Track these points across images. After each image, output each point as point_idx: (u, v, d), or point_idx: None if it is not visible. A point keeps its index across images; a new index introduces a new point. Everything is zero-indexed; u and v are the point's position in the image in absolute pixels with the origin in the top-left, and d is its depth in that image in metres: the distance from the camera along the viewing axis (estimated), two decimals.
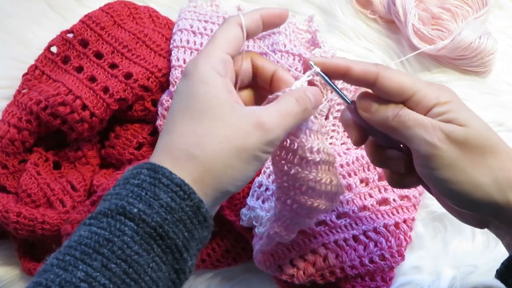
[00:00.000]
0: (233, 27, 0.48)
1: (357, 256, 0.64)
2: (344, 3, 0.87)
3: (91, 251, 0.39)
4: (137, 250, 0.39)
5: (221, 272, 0.72)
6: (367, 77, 0.48)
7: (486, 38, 0.78)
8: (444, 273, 0.67)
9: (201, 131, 0.43)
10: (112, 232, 0.39)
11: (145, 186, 0.41)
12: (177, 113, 0.45)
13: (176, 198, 0.41)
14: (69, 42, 0.77)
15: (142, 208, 0.40)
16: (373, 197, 0.66)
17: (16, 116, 0.72)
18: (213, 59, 0.46)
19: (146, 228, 0.40)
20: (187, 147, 0.43)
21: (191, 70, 0.46)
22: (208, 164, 0.43)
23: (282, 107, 0.46)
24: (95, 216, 0.41)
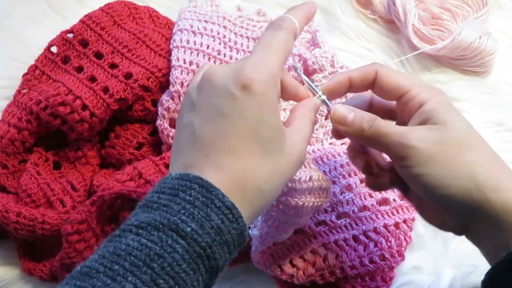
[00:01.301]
0: (291, 38, 0.47)
1: (357, 256, 0.64)
2: (344, 3, 0.87)
3: (141, 264, 0.38)
4: (185, 269, 0.39)
5: None
6: (368, 78, 0.51)
7: (486, 38, 0.78)
8: (444, 273, 0.67)
9: (270, 165, 0.44)
10: (163, 248, 0.39)
11: (198, 204, 0.41)
12: (246, 136, 0.43)
13: (225, 221, 0.41)
14: (69, 42, 0.77)
15: (194, 227, 0.40)
16: (373, 197, 0.66)
17: (16, 116, 0.72)
18: (277, 81, 0.45)
19: (196, 248, 0.40)
20: (258, 182, 0.44)
21: (258, 89, 0.43)
22: (269, 198, 0.45)
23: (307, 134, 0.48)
24: (144, 227, 0.40)
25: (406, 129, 0.48)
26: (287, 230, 0.58)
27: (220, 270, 0.42)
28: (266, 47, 0.45)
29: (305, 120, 0.48)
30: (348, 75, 0.51)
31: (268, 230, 0.57)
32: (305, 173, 0.52)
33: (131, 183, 0.66)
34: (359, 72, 0.51)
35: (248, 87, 0.43)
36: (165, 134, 0.71)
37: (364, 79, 0.51)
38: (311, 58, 0.73)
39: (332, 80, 0.52)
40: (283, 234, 0.58)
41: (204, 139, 0.44)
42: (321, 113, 0.72)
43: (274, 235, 0.58)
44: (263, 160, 0.43)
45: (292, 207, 0.53)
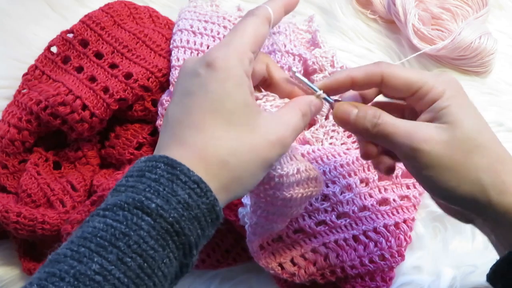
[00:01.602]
0: (263, 23, 0.47)
1: (357, 256, 0.64)
2: (344, 3, 0.87)
3: (106, 244, 0.38)
4: (153, 245, 0.39)
5: (221, 272, 0.72)
6: (373, 80, 0.49)
7: (486, 38, 0.78)
8: (444, 273, 0.67)
9: (234, 137, 0.43)
10: (128, 226, 0.39)
11: (163, 181, 0.41)
12: (209, 109, 0.43)
13: (193, 195, 0.41)
14: (69, 42, 0.77)
15: (160, 203, 0.40)
16: (373, 197, 0.66)
17: (16, 116, 0.72)
18: (244, 59, 0.45)
19: (163, 224, 0.40)
20: (221, 154, 0.43)
21: (222, 65, 0.43)
22: (238, 173, 0.44)
23: (293, 122, 0.46)
24: (110, 208, 0.40)
25: (413, 127, 0.47)
26: (278, 220, 0.58)
27: (194, 247, 0.41)
28: (233, 31, 0.46)
29: (293, 109, 0.47)
30: (350, 75, 0.49)
31: (257, 220, 0.57)
32: (292, 166, 0.52)
33: None
34: (363, 73, 0.49)
35: (211, 64, 0.44)
36: None
37: (369, 80, 0.49)
38: (311, 58, 0.73)
39: (331, 78, 0.50)
40: (274, 224, 0.58)
41: (172, 119, 0.45)
42: (321, 113, 0.72)
43: (264, 225, 0.58)
44: (225, 132, 0.43)
45: (279, 199, 0.53)
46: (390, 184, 0.66)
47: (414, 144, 0.46)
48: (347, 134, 0.72)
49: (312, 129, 0.71)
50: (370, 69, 0.49)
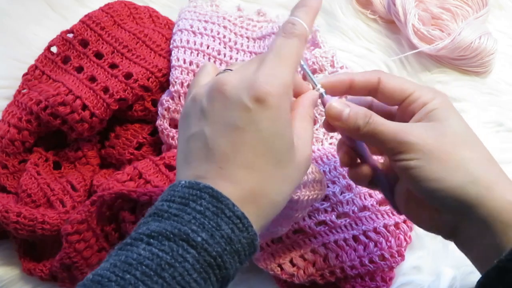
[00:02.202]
0: (303, 45, 0.47)
1: (357, 256, 0.64)
2: (344, 3, 0.87)
3: (152, 274, 0.39)
4: (196, 278, 0.40)
5: None
6: (370, 83, 0.51)
7: (486, 38, 0.78)
8: (444, 273, 0.67)
9: (281, 178, 0.45)
10: (174, 257, 0.40)
11: (208, 214, 0.41)
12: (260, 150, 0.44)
13: (235, 230, 0.42)
14: (69, 42, 0.77)
15: (205, 237, 0.40)
16: (373, 197, 0.66)
17: (16, 116, 0.72)
18: (289, 92, 0.45)
19: (207, 257, 0.40)
20: (272, 195, 0.45)
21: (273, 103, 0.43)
22: (280, 208, 0.46)
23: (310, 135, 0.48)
24: (155, 236, 0.41)
25: (403, 125, 0.49)
26: (283, 223, 0.58)
27: (231, 279, 0.42)
28: (278, 57, 0.45)
29: (307, 121, 0.48)
30: (351, 77, 0.52)
31: None
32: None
33: (131, 183, 0.66)
34: (362, 76, 0.52)
35: (262, 100, 0.43)
36: (165, 134, 0.71)
37: (367, 84, 0.52)
38: (311, 58, 0.73)
39: (334, 77, 0.52)
40: (279, 227, 0.58)
41: (218, 151, 0.44)
42: (321, 113, 0.72)
43: (270, 227, 0.58)
44: (276, 173, 0.44)
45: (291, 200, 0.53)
46: None
47: (405, 138, 0.47)
48: None
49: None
50: (369, 73, 0.52)
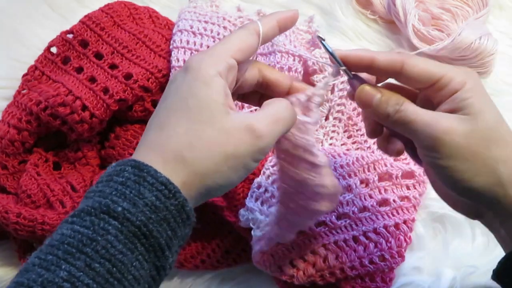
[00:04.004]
0: (251, 35, 0.47)
1: (357, 257, 0.64)
2: (344, 4, 0.87)
3: (74, 251, 0.38)
4: (121, 249, 0.39)
5: (221, 272, 0.72)
6: (393, 67, 0.48)
7: (486, 38, 0.78)
8: (444, 274, 0.67)
9: (193, 133, 0.43)
10: (95, 231, 0.39)
11: (130, 184, 0.41)
12: (172, 110, 0.44)
13: (161, 197, 0.41)
14: (69, 42, 0.77)
15: (126, 206, 0.40)
16: (373, 198, 0.66)
17: (16, 117, 0.72)
18: (219, 62, 0.45)
19: (131, 227, 0.40)
20: (178, 149, 0.43)
21: (194, 66, 0.45)
22: (197, 168, 0.43)
23: (273, 112, 0.46)
24: (77, 214, 0.40)
25: (434, 117, 0.46)
26: (295, 231, 0.59)
27: (167, 248, 0.41)
28: (220, 41, 0.47)
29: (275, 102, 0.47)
30: (373, 56, 0.48)
31: (278, 231, 0.57)
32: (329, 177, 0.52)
33: None
34: (384, 60, 0.48)
35: (186, 68, 0.45)
36: None
37: (390, 67, 0.48)
38: (311, 59, 0.73)
39: (353, 52, 0.49)
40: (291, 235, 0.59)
41: (147, 125, 0.46)
42: (322, 114, 0.71)
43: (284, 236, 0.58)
44: (185, 129, 0.43)
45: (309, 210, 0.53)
46: (390, 185, 0.66)
47: (436, 134, 0.46)
48: (347, 135, 0.72)
49: None
50: (393, 56, 0.48)
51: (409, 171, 0.67)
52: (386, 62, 0.48)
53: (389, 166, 0.66)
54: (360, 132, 0.72)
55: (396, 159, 0.70)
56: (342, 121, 0.72)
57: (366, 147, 0.71)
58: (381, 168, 0.66)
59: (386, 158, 0.67)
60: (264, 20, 0.49)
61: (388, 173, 0.66)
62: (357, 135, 0.72)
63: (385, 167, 0.66)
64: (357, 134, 0.72)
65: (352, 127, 0.73)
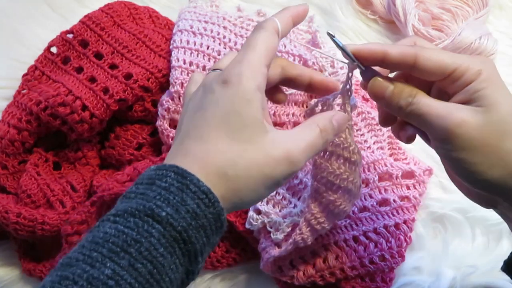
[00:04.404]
0: (272, 35, 0.47)
1: (357, 257, 0.64)
2: (344, 4, 0.87)
3: (118, 250, 0.40)
4: (162, 252, 0.40)
5: (221, 272, 0.72)
6: (406, 60, 0.47)
7: (486, 38, 0.78)
8: (444, 274, 0.67)
9: (236, 151, 0.44)
10: (140, 233, 0.40)
11: (173, 190, 0.42)
12: (215, 123, 0.45)
13: (201, 205, 0.42)
14: (69, 42, 0.77)
15: (170, 212, 0.41)
16: (373, 198, 0.66)
17: (16, 117, 0.72)
18: (258, 74, 0.45)
19: (172, 232, 0.41)
20: (222, 165, 0.44)
21: (235, 81, 0.45)
22: (237, 185, 0.45)
23: (308, 138, 0.47)
24: (121, 214, 0.41)
25: (447, 109, 0.46)
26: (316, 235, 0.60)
27: (200, 254, 0.43)
28: (245, 47, 0.47)
29: (309, 125, 0.48)
30: (385, 50, 0.47)
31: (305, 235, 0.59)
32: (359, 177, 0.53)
33: (131, 184, 0.66)
34: (397, 54, 0.47)
35: (226, 81, 0.45)
36: (165, 135, 0.71)
37: (402, 61, 0.47)
38: (311, 58, 0.73)
39: (365, 47, 0.48)
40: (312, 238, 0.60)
41: (182, 131, 0.47)
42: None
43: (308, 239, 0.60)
44: (228, 146, 0.44)
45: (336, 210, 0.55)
46: (390, 184, 0.66)
47: (449, 126, 0.45)
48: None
49: None
50: (406, 50, 0.47)
51: (409, 171, 0.67)
52: (398, 56, 0.47)
53: (389, 166, 0.66)
54: (360, 132, 0.72)
55: (396, 159, 0.70)
56: None
57: (366, 147, 0.71)
58: (381, 168, 0.66)
59: (386, 158, 0.67)
60: (280, 17, 0.49)
61: (388, 173, 0.66)
62: (357, 135, 0.72)
63: (385, 167, 0.66)
64: (357, 134, 0.72)
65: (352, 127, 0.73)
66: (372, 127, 0.72)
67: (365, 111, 0.73)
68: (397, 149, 0.72)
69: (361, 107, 0.73)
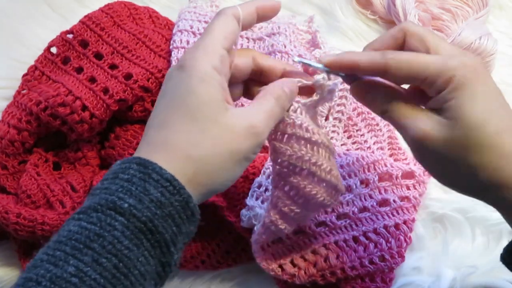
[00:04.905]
0: (231, 20, 0.47)
1: (357, 257, 0.64)
2: (344, 4, 0.87)
3: (81, 246, 0.39)
4: (128, 245, 0.40)
5: (221, 273, 0.72)
6: (376, 70, 0.47)
7: (486, 38, 0.78)
8: (444, 274, 0.67)
9: (197, 132, 0.44)
10: (102, 227, 0.40)
11: (135, 181, 0.41)
12: (172, 108, 0.44)
13: (166, 193, 0.41)
14: (69, 42, 0.77)
15: (132, 203, 0.40)
16: (373, 198, 0.66)
17: (16, 117, 0.72)
18: (213, 56, 0.45)
19: (137, 223, 0.40)
20: (184, 147, 0.43)
21: (189, 64, 0.45)
22: (203, 165, 0.44)
23: (266, 108, 0.46)
24: (84, 211, 0.41)
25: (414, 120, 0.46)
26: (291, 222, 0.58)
27: (172, 244, 0.42)
28: (204, 33, 0.47)
29: (264, 97, 0.47)
30: (355, 61, 0.48)
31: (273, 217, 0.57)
32: (328, 163, 0.52)
33: None
34: (367, 63, 0.47)
35: (181, 65, 0.45)
36: None
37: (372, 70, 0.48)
38: (311, 58, 0.73)
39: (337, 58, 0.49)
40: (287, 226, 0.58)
41: (147, 123, 0.46)
42: (321, 114, 0.72)
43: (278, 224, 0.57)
44: (188, 126, 0.44)
45: (304, 195, 0.53)
46: (390, 185, 0.66)
47: (414, 138, 0.46)
48: (347, 135, 0.72)
49: None
50: (375, 59, 0.47)
51: (409, 171, 0.67)
52: (368, 67, 0.48)
53: (389, 166, 0.66)
54: (360, 132, 0.72)
55: (396, 159, 0.70)
56: (342, 121, 0.72)
57: (366, 147, 0.71)
58: (381, 168, 0.66)
59: (386, 159, 0.67)
60: (243, 6, 0.49)
61: (388, 173, 0.66)
62: (357, 135, 0.72)
63: (385, 167, 0.66)
64: (357, 134, 0.72)
65: (352, 127, 0.73)
66: (372, 127, 0.72)
67: (365, 111, 0.73)
68: (397, 149, 0.72)
69: (361, 107, 0.73)
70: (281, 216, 0.56)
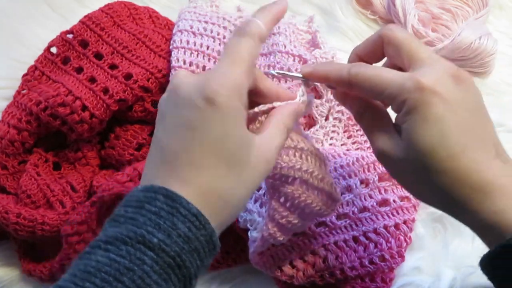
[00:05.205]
0: (257, 45, 0.45)
1: (357, 257, 0.64)
2: (344, 4, 0.87)
3: (111, 279, 0.39)
4: (156, 280, 0.40)
5: (220, 273, 0.72)
6: (342, 84, 0.49)
7: (486, 38, 0.78)
8: (444, 274, 0.67)
9: (235, 177, 0.44)
10: (132, 261, 0.40)
11: (163, 214, 0.41)
12: (209, 150, 0.43)
13: (192, 228, 0.42)
14: (69, 42, 0.77)
15: (161, 237, 0.40)
16: (373, 198, 0.66)
17: (16, 117, 0.72)
18: (243, 92, 0.44)
19: (166, 258, 0.40)
20: (222, 194, 0.44)
21: (222, 102, 0.42)
22: (230, 205, 0.45)
23: (279, 140, 0.47)
24: (112, 242, 0.41)
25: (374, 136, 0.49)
26: (288, 232, 0.58)
27: (194, 277, 0.42)
28: (229, 56, 0.45)
29: (278, 127, 0.47)
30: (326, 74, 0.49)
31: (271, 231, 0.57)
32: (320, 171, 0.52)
33: (131, 184, 0.66)
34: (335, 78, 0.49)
35: (212, 100, 0.42)
36: None
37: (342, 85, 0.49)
38: (311, 59, 0.73)
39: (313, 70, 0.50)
40: (284, 236, 0.58)
41: (168, 151, 0.44)
42: (322, 114, 0.72)
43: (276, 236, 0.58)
44: (227, 173, 0.44)
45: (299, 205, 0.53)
46: (390, 185, 0.66)
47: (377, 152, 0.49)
48: (347, 135, 0.72)
49: (312, 130, 0.71)
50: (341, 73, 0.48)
51: None
52: (336, 80, 0.49)
53: None
54: (360, 132, 0.72)
55: None
56: (342, 121, 0.72)
57: (366, 147, 0.71)
58: (381, 168, 0.66)
59: None
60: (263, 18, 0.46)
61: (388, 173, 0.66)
62: (357, 135, 0.72)
63: None
64: (357, 134, 0.72)
65: (352, 127, 0.73)
66: None
67: None
68: None
69: None
70: (279, 229, 0.57)
